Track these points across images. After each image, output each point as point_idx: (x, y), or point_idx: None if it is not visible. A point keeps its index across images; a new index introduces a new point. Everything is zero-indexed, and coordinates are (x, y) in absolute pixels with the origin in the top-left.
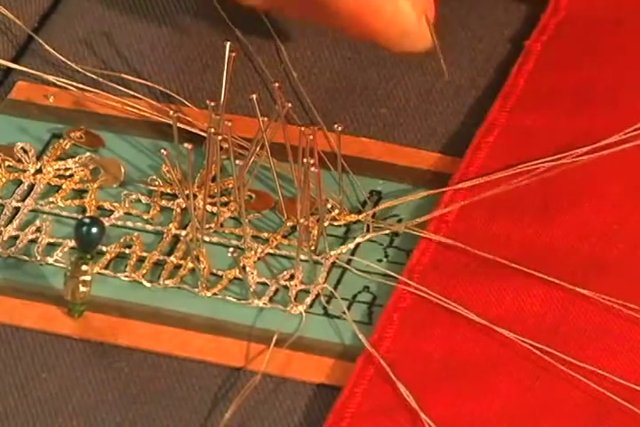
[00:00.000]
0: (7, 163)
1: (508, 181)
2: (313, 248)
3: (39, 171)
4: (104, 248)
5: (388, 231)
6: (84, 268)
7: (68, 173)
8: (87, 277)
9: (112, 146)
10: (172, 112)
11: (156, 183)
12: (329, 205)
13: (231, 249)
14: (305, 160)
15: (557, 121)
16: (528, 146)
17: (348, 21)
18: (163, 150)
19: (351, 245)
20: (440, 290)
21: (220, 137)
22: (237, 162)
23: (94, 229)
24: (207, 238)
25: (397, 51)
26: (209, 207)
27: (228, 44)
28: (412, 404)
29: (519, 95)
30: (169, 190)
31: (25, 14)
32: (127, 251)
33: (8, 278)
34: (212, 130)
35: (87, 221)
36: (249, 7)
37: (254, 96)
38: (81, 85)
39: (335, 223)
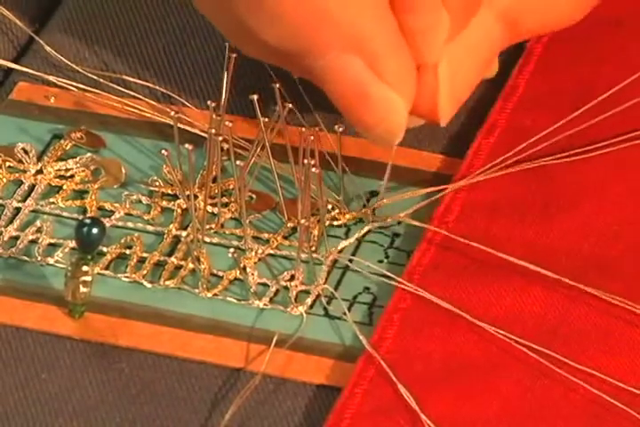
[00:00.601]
0: (8, 163)
1: (509, 180)
2: (314, 249)
3: (40, 171)
4: (104, 249)
5: (388, 231)
6: (85, 268)
7: (68, 174)
8: (88, 278)
9: (113, 146)
10: (172, 113)
11: (157, 184)
12: (329, 206)
13: (232, 250)
14: (305, 161)
15: (558, 121)
16: (529, 146)
17: (338, 106)
18: (163, 151)
19: (352, 240)
20: (440, 291)
21: (220, 138)
22: (238, 163)
23: (95, 230)
24: (208, 239)
25: (371, 140)
26: (209, 208)
27: (229, 44)
28: (412, 404)
29: (520, 96)
30: (170, 191)
31: (26, 15)
32: (128, 251)
33: (9, 279)
34: (213, 130)
35: (88, 221)
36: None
37: (255, 97)
38: (82, 86)
39: (335, 223)
